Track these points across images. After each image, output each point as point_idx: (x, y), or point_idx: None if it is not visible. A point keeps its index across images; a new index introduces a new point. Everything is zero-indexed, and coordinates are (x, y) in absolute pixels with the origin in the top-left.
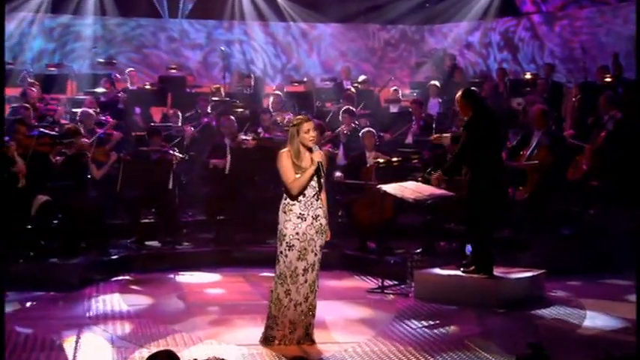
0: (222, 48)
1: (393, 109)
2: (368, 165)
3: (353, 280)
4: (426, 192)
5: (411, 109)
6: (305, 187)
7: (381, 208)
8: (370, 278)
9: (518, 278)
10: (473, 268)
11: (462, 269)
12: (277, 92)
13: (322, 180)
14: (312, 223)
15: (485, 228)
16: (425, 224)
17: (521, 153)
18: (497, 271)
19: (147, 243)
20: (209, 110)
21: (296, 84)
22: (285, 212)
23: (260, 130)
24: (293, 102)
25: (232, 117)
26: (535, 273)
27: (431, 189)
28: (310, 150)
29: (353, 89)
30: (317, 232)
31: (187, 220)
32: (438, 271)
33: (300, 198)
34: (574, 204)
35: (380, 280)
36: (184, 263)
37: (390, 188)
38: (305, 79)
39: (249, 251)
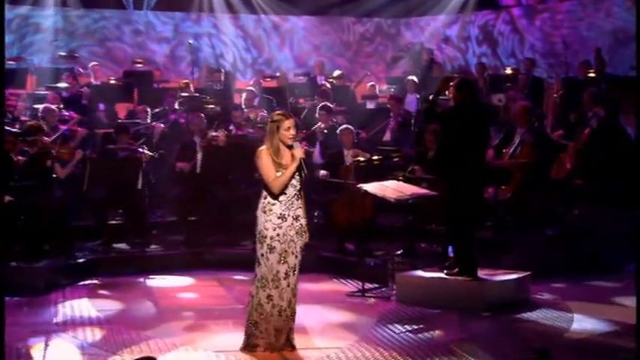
0: (190, 41)
1: (370, 105)
2: (346, 164)
3: (332, 284)
4: (407, 191)
5: (389, 106)
6: (287, 185)
7: (360, 208)
8: (349, 281)
9: (503, 280)
10: (456, 270)
11: (445, 271)
12: (250, 88)
13: (301, 177)
14: (292, 224)
15: (468, 228)
16: (406, 225)
17: (504, 151)
18: (482, 273)
19: (114, 245)
20: (176, 106)
21: (268, 79)
22: (265, 212)
23: (231, 127)
24: (268, 98)
25: (201, 114)
26: (520, 275)
27: (413, 188)
28: (290, 147)
29: (328, 85)
30: (297, 233)
31: (157, 221)
32: (420, 273)
33: (281, 197)
34: (558, 204)
35: (360, 283)
36: (154, 266)
37: (371, 187)
38: (278, 74)
39: (221, 253)
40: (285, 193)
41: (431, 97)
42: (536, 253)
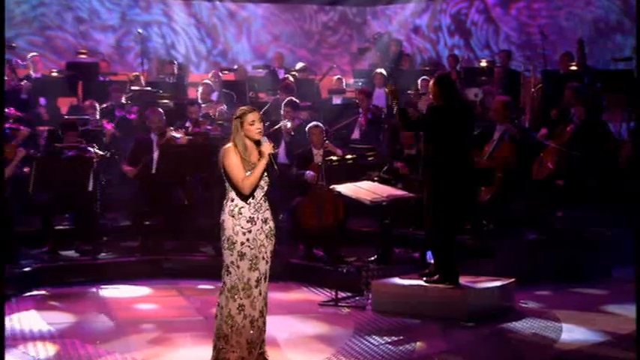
0: (139, 30)
1: (337, 100)
2: (315, 163)
3: (301, 292)
4: (383, 193)
5: (357, 101)
6: (257, 185)
7: (330, 210)
8: (320, 290)
9: (487, 288)
10: (437, 277)
11: (424, 279)
12: (207, 81)
13: (268, 177)
14: (261, 227)
15: (450, 232)
16: (381, 229)
17: (482, 149)
18: (463, 281)
19: (62, 253)
20: (123, 101)
21: (227, 72)
22: (233, 216)
23: (188, 124)
24: (227, 92)
25: (160, 109)
26: (505, 282)
27: (389, 190)
28: (258, 143)
29: (291, 78)
30: (267, 237)
31: (108, 226)
32: (397, 281)
33: (250, 200)
34: (540, 206)
35: (332, 292)
36: (107, 275)
37: (344, 189)
38: (236, 67)
39: (180, 261)
40: (254, 196)
41: (395, 110)
42: (518, 259)
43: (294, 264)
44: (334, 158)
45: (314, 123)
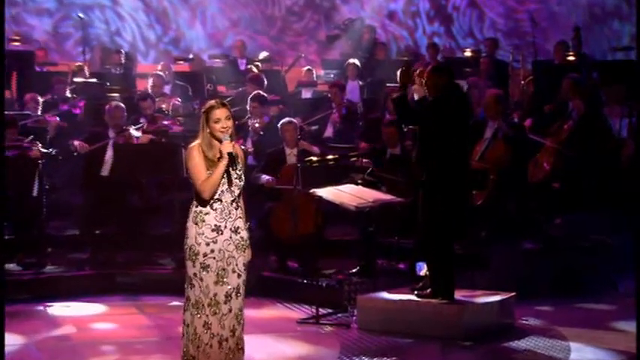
0: (79, 15)
1: (306, 94)
2: (289, 164)
3: (276, 309)
4: (369, 197)
5: (329, 95)
6: (216, 187)
7: (306, 218)
8: (297, 306)
9: (485, 303)
10: (429, 291)
11: (416, 293)
12: (158, 72)
13: (240, 180)
14: (230, 237)
15: (445, 241)
16: (364, 237)
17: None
18: (459, 295)
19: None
20: (68, 94)
21: (181, 62)
22: (196, 223)
23: (142, 120)
24: (182, 85)
25: (122, 104)
26: (504, 296)
27: (375, 194)
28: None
29: (255, 69)
30: (237, 248)
31: (54, 235)
32: (385, 295)
33: (216, 205)
34: (536, 211)
35: (311, 308)
36: (54, 291)
37: (325, 193)
38: (191, 56)
39: (137, 274)
40: (221, 200)
41: (396, 95)
42: (514, 270)
43: (266, 277)
44: (314, 159)
45: (287, 119)
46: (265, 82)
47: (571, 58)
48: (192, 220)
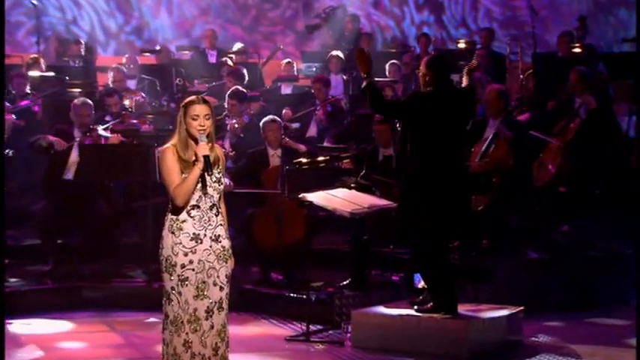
0: (32, 2)
1: (286, 89)
2: (273, 167)
3: (261, 325)
4: (364, 203)
5: (313, 90)
6: (190, 194)
7: (291, 225)
8: (284, 322)
9: (492, 319)
10: (431, 305)
11: (415, 307)
12: (118, 66)
13: (219, 184)
14: (210, 247)
15: (445, 250)
16: (355, 246)
17: (472, 149)
18: (462, 309)
19: None
20: (28, 90)
21: (147, 54)
22: (172, 232)
23: (108, 118)
24: (148, 79)
25: (89, 100)
26: (512, 311)
27: (370, 198)
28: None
29: (229, 61)
30: (219, 258)
31: (13, 245)
32: (382, 310)
33: (194, 212)
34: (541, 218)
35: (299, 324)
36: (13, 307)
37: (316, 198)
38: (158, 48)
39: (105, 288)
40: (198, 207)
41: (363, 85)
42: (519, 282)
43: (247, 290)
44: (304, 161)
45: (270, 117)
46: (246, 77)
47: (577, 50)
48: (167, 228)
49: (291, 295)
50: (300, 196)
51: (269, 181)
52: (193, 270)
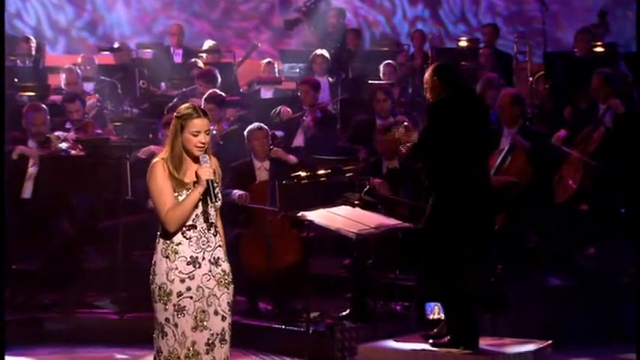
0: None
1: (266, 93)
2: (261, 181)
3: None
4: (370, 222)
5: (299, 94)
6: (186, 220)
7: (282, 248)
8: (277, 358)
9: (518, 354)
10: (448, 339)
11: (430, 341)
12: (71, 66)
13: (217, 203)
14: (210, 271)
15: (465, 277)
16: (358, 272)
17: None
18: (484, 344)
19: None
20: None
21: (106, 52)
22: (167, 257)
23: (69, 126)
24: (108, 81)
25: (43, 105)
26: (539, 346)
27: (377, 217)
28: (197, 159)
29: (200, 63)
30: (219, 284)
31: None
32: (392, 344)
33: (190, 233)
34: (560, 239)
35: None
36: None
37: (317, 217)
38: (117, 45)
39: (69, 320)
40: (195, 227)
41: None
42: (539, 311)
43: (233, 323)
44: (303, 174)
45: (256, 125)
46: (219, 79)
47: (599, 49)
48: (160, 252)
49: (284, 327)
50: (299, 214)
51: (256, 198)
52: (191, 298)
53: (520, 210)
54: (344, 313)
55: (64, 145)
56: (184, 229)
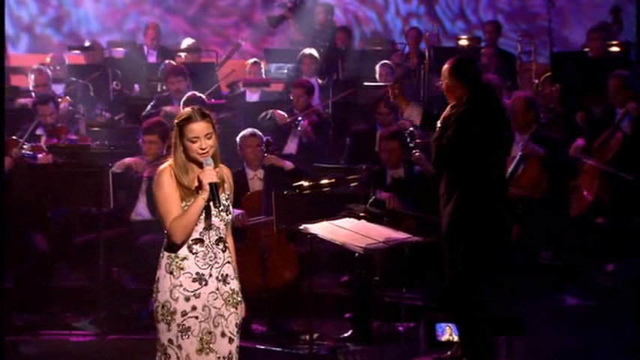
0: None
1: (252, 96)
2: (254, 191)
3: None
4: (378, 236)
5: (292, 97)
6: (191, 229)
7: (278, 264)
8: None
9: None
10: None
11: None
12: (40, 67)
13: (227, 213)
14: (217, 289)
15: (482, 294)
16: (361, 290)
17: None
18: None
19: None
20: None
21: (76, 51)
22: (171, 273)
23: (40, 132)
24: (83, 83)
25: None
26: None
27: (385, 231)
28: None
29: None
30: (227, 304)
31: None
32: None
33: (197, 247)
34: (580, 254)
35: None
36: None
37: (321, 230)
38: (89, 44)
39: (45, 343)
40: (202, 241)
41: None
42: (555, 334)
43: None
44: (305, 184)
45: (249, 131)
46: (187, 76)
47: (615, 49)
48: (164, 268)
49: (281, 350)
50: (300, 227)
51: (250, 210)
52: (197, 318)
53: (533, 223)
54: (345, 335)
55: (27, 151)
56: (191, 242)
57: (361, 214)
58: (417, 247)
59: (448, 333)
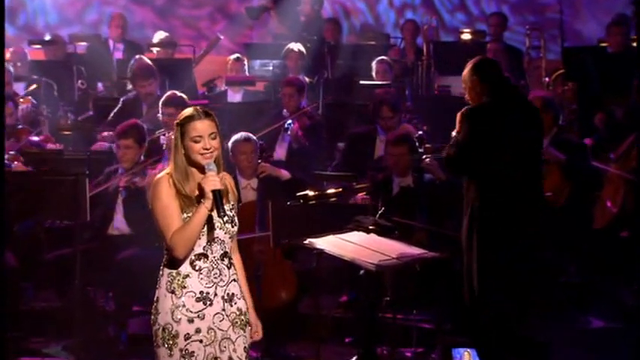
0: None
1: (235, 96)
2: (249, 202)
3: None
4: (390, 251)
5: (281, 97)
6: (194, 242)
7: (273, 283)
8: None
9: None
10: None
11: None
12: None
13: (233, 225)
14: (223, 310)
15: (505, 314)
16: (368, 312)
17: None
18: None
19: None
20: None
21: (37, 46)
22: (172, 292)
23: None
24: (46, 81)
25: None
26: None
27: (398, 246)
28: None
29: (147, 60)
30: (234, 325)
31: None
32: None
33: (200, 263)
34: (605, 271)
35: None
36: None
37: (328, 245)
38: (49, 37)
39: None
40: (206, 256)
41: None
42: (579, 358)
43: None
44: (311, 194)
45: (242, 135)
46: (157, 75)
47: (637, 44)
48: (165, 287)
49: None
50: (306, 242)
51: (242, 223)
52: (201, 341)
53: (554, 237)
54: None
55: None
56: (193, 258)
57: (370, 227)
58: (429, 264)
59: (466, 358)
